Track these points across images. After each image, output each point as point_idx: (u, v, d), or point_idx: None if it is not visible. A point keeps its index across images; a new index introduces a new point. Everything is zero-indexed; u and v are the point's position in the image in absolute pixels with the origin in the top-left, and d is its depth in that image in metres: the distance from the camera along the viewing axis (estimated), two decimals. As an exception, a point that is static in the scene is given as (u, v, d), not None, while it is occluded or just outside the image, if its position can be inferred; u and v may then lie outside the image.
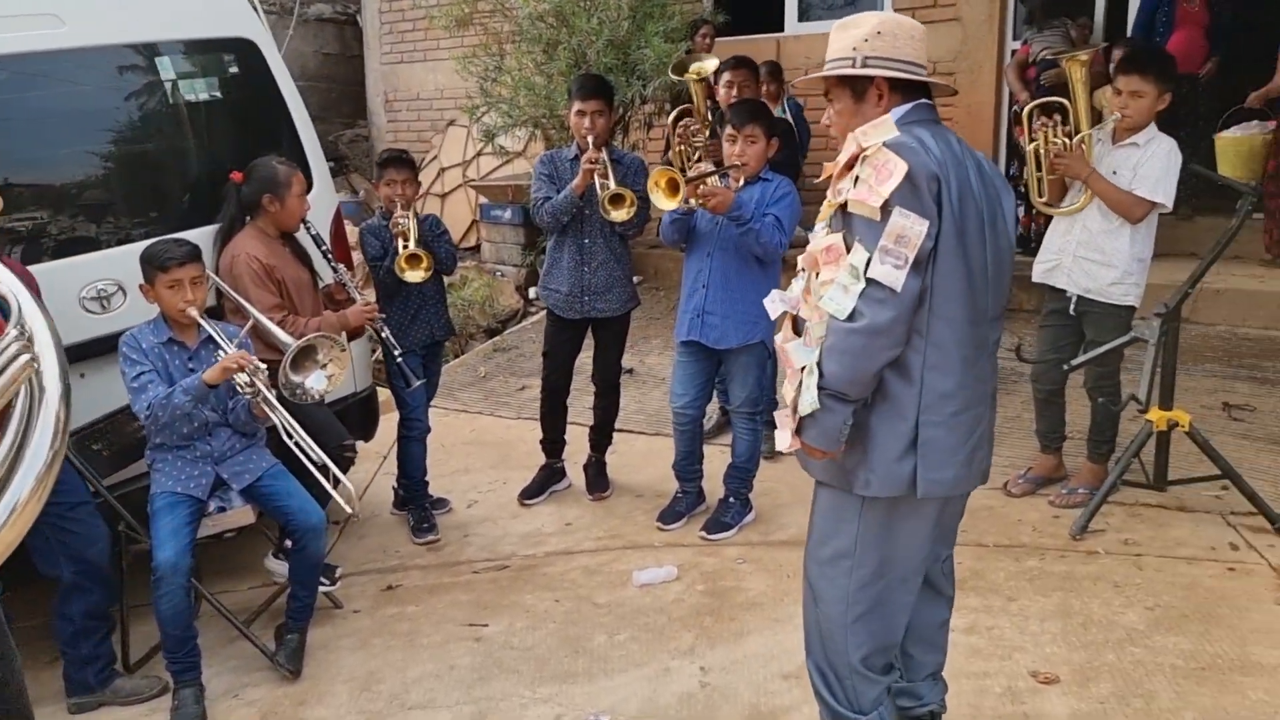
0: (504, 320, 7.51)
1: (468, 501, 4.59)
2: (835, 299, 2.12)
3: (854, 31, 2.24)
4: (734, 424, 4.11)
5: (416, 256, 4.01)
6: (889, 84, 2.23)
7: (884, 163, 2.08)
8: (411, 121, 10.36)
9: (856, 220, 2.13)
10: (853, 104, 2.26)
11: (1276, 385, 5.08)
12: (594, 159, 3.98)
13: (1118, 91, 3.78)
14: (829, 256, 2.17)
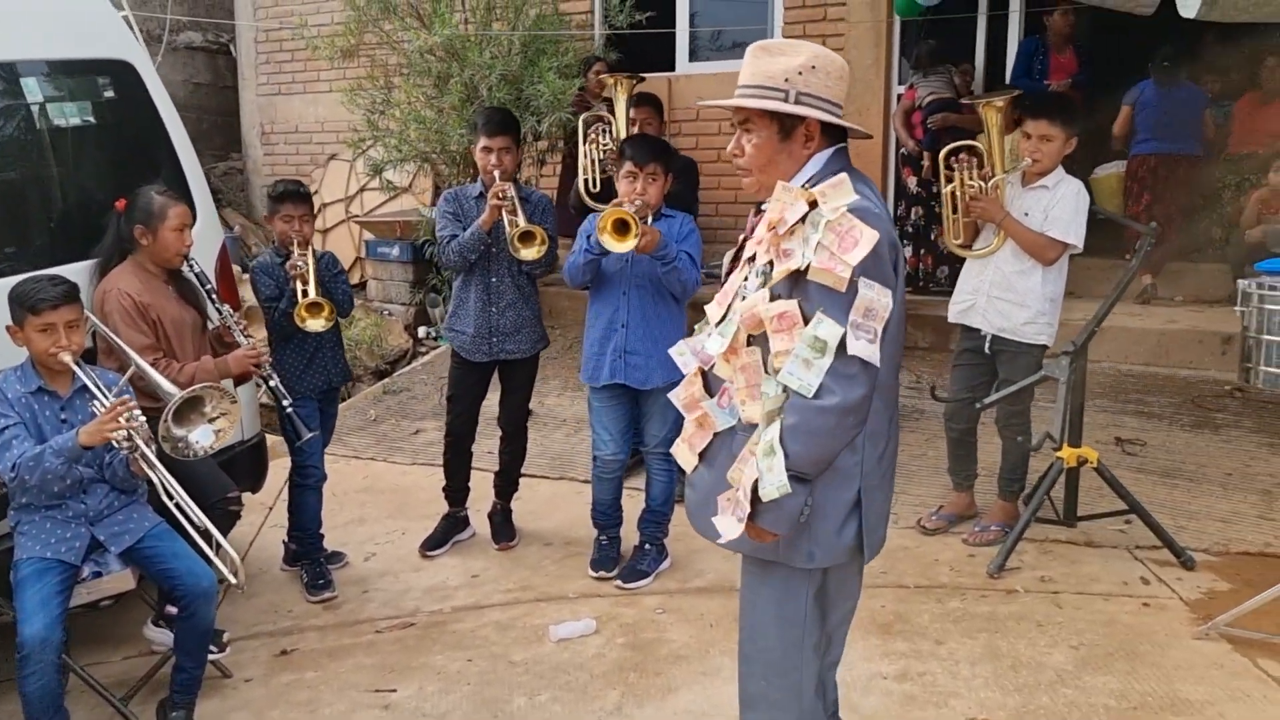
0: (393, 361, 7.23)
1: (365, 554, 4.32)
2: (798, 374, 1.97)
3: (785, 60, 2.06)
4: (649, 465, 3.98)
5: (318, 305, 3.76)
6: (820, 126, 2.10)
7: (849, 229, 1.96)
8: (290, 155, 9.98)
9: (814, 288, 1.98)
10: (777, 140, 2.10)
11: (1162, 419, 5.26)
12: (501, 193, 3.83)
13: (1026, 136, 3.85)
14: (782, 324, 2.00)
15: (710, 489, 2.17)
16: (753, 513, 2.04)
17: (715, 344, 2.14)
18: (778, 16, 7.72)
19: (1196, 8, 3.26)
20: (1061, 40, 7.00)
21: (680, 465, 2.29)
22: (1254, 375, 3.25)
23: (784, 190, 2.06)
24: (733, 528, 2.05)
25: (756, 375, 2.08)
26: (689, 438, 2.23)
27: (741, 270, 2.15)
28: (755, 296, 2.06)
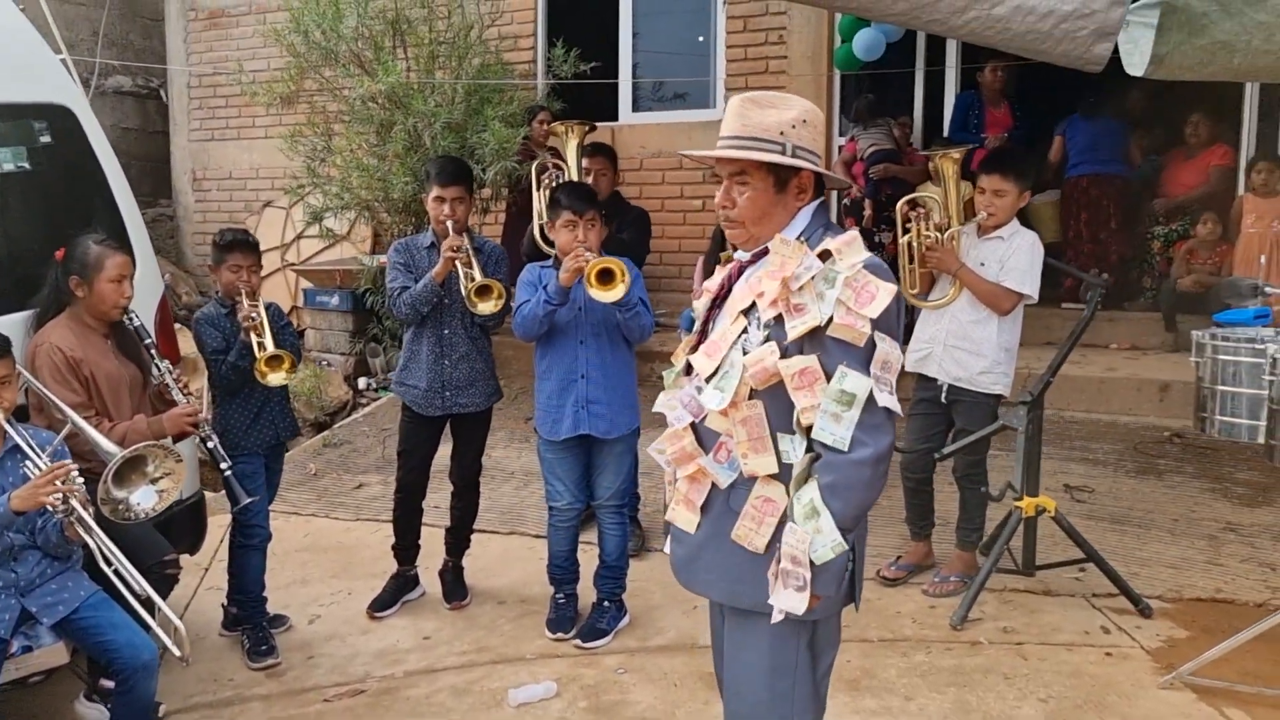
0: (332, 413, 7.05)
1: (309, 617, 4.14)
2: (830, 429, 1.98)
3: (777, 113, 2.07)
4: (602, 520, 3.89)
5: (278, 358, 3.62)
6: (812, 179, 2.12)
7: (865, 285, 1.98)
8: (223, 201, 9.78)
9: (833, 343, 1.99)
10: (773, 193, 2.09)
11: (1108, 466, 5.33)
12: (456, 245, 3.75)
13: (980, 190, 3.91)
14: (803, 380, 2.00)
15: (701, 543, 2.15)
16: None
17: (713, 398, 2.09)
18: (720, 69, 7.81)
19: (1144, 66, 3.33)
20: (995, 95, 7.20)
21: (680, 526, 2.21)
22: (1209, 424, 3.29)
23: (783, 244, 2.06)
24: (797, 601, 2.00)
25: (760, 428, 2.06)
26: (685, 496, 2.18)
27: (735, 322, 2.11)
28: (762, 350, 2.04)
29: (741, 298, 2.12)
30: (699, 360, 2.15)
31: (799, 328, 2.00)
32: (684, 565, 2.22)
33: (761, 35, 7.62)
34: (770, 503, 2.07)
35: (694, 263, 7.09)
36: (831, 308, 1.98)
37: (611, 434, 3.73)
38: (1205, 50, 3.30)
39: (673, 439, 2.19)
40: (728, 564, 2.13)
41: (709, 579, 2.18)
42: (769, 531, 2.07)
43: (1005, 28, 3.42)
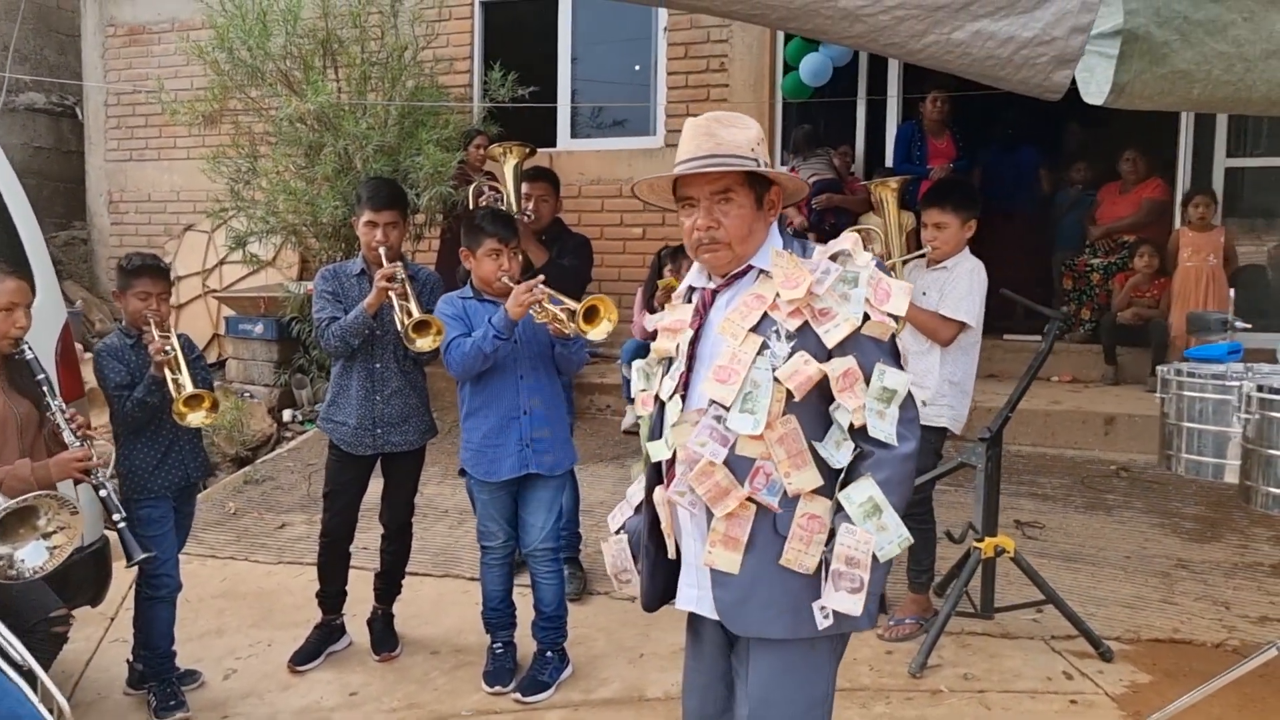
0: (254, 448, 6.69)
1: (224, 671, 3.83)
2: (880, 427, 1.99)
3: (743, 131, 2.08)
4: (535, 568, 3.62)
5: (199, 397, 3.34)
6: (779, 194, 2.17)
7: (878, 282, 2.04)
8: (141, 224, 9.35)
9: (868, 342, 2.02)
10: (754, 209, 2.10)
11: (1057, 501, 5.26)
12: (390, 275, 3.52)
13: (924, 224, 3.84)
14: (846, 381, 1.99)
15: (752, 581, 2.04)
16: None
17: (745, 423, 2.01)
18: (661, 95, 7.70)
19: (1103, 95, 3.25)
20: (936, 125, 7.18)
21: (722, 569, 2.06)
22: (1175, 462, 3.19)
23: (779, 256, 2.08)
24: (852, 602, 1.95)
25: (798, 443, 2.02)
26: (725, 535, 2.04)
27: (745, 341, 2.04)
28: (795, 360, 2.01)
29: (741, 317, 2.06)
30: (713, 389, 2.04)
31: (837, 331, 2.00)
32: (734, 609, 2.08)
33: (703, 62, 7.52)
34: (816, 519, 2.02)
35: (633, 291, 6.94)
36: (862, 306, 2.00)
37: (556, 470, 3.54)
38: (1165, 79, 3.23)
39: (702, 477, 2.04)
40: (785, 595, 2.04)
41: (767, 616, 2.05)
42: (818, 551, 2.01)
43: (965, 53, 3.32)
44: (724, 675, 2.22)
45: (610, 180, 7.73)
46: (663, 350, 2.22)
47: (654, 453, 2.18)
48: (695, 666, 2.29)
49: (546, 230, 4.44)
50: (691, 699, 2.30)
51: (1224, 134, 6.81)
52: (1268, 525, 4.90)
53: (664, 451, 2.15)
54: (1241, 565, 4.51)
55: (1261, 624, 3.96)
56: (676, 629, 4.04)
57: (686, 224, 2.11)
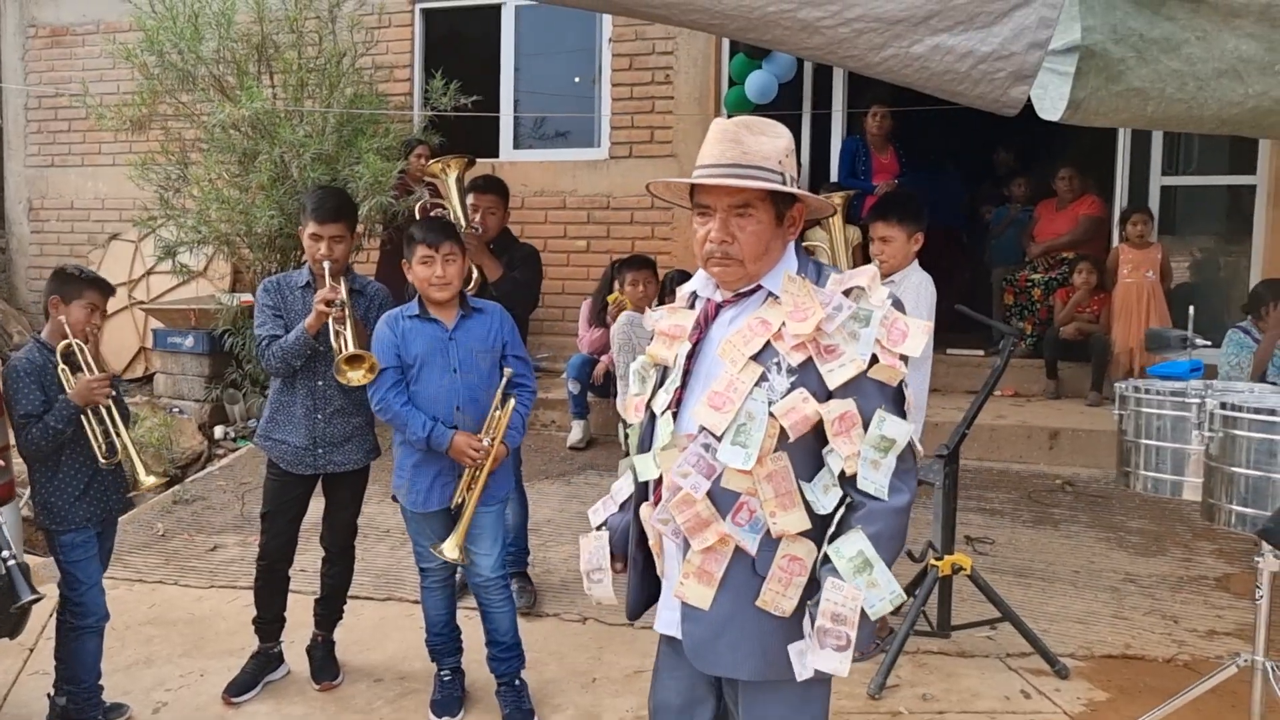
0: (184, 465, 6.43)
1: (153, 704, 3.62)
2: (871, 477, 1.87)
3: (773, 141, 1.95)
4: (485, 600, 3.47)
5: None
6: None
7: (894, 322, 1.93)
8: (63, 233, 9.01)
9: (871, 385, 1.90)
10: (773, 227, 1.96)
11: (1004, 516, 5.27)
12: (329, 300, 3.36)
13: (870, 239, 3.82)
14: (843, 426, 1.87)
15: (725, 619, 1.96)
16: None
17: (735, 455, 1.90)
18: (605, 106, 7.63)
19: (1059, 112, 3.25)
20: (880, 140, 7.21)
21: (693, 604, 1.98)
22: (1134, 479, 3.18)
23: (791, 281, 1.96)
24: (838, 661, 1.85)
25: (787, 483, 1.91)
26: (700, 568, 1.96)
27: (744, 370, 1.93)
28: (793, 398, 1.90)
29: (744, 342, 1.95)
30: (705, 415, 1.94)
31: (841, 372, 1.89)
32: (702, 647, 2.00)
33: (648, 74, 7.47)
34: (797, 561, 1.92)
35: (578, 305, 6.84)
36: (870, 347, 1.89)
37: (490, 502, 3.40)
38: (1120, 97, 3.24)
39: (683, 505, 1.95)
40: (757, 636, 1.95)
41: (736, 657, 1.97)
42: (796, 594, 1.92)
43: (923, 66, 3.30)
44: (703, 700, 2.14)
45: (554, 192, 7.63)
46: (658, 356, 2.12)
47: (641, 470, 2.09)
48: (672, 688, 2.18)
49: (495, 241, 4.32)
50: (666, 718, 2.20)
51: (1159, 152, 6.95)
52: (1210, 539, 4.97)
53: (652, 471, 2.05)
54: (1187, 579, 4.55)
55: (1210, 638, 3.99)
56: (629, 651, 3.96)
57: (700, 232, 1.99)
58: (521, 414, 3.41)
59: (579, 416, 6.52)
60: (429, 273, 3.30)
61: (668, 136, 7.45)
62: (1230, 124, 3.42)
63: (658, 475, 2.04)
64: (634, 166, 7.53)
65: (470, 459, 3.26)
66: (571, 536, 5.08)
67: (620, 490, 2.26)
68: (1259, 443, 2.69)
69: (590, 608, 4.29)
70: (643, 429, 2.13)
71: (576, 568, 4.63)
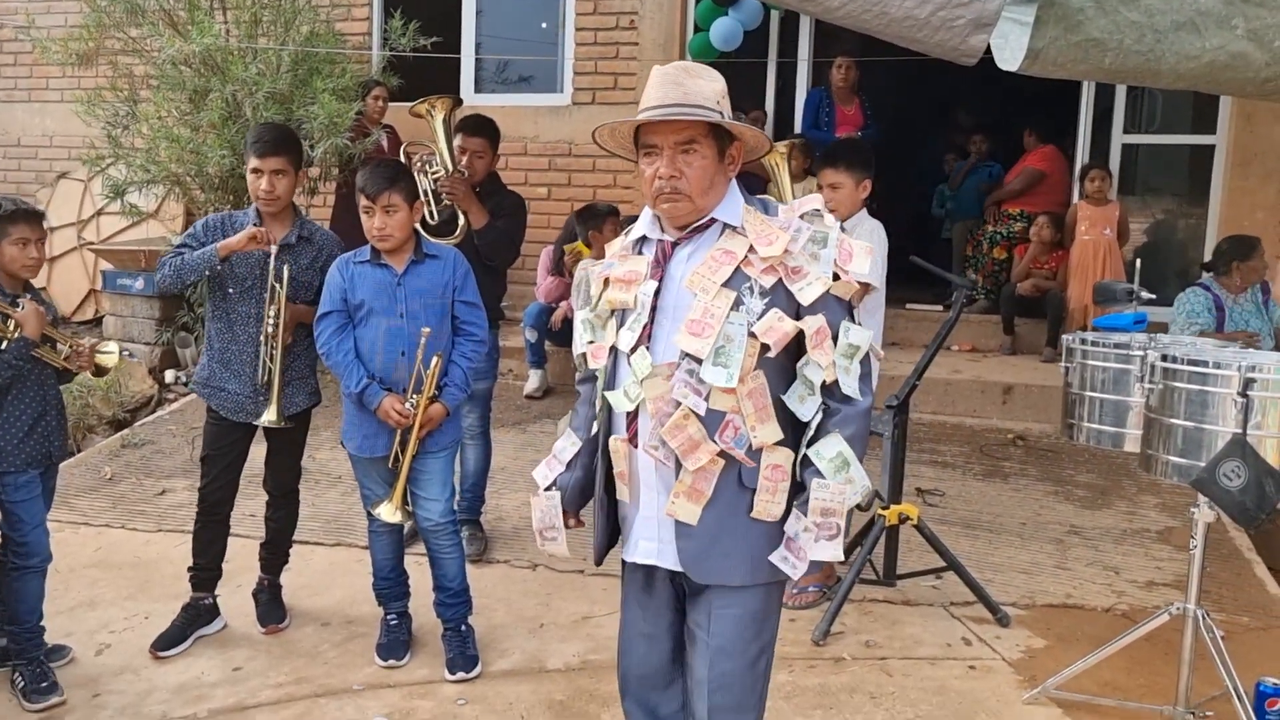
0: (133, 410, 6.34)
1: (97, 646, 3.59)
2: (848, 383, 2.05)
3: (708, 84, 2.07)
4: (434, 544, 3.45)
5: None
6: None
7: (842, 243, 2.09)
8: (9, 171, 8.78)
9: (834, 300, 2.07)
10: (716, 162, 2.08)
11: (956, 469, 5.32)
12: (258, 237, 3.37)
13: (820, 186, 3.79)
14: (819, 338, 2.04)
15: (715, 531, 2.09)
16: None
17: (718, 375, 2.03)
18: (568, 51, 7.50)
19: (1017, 62, 3.22)
20: (845, 92, 7.16)
21: (683, 519, 2.10)
22: (1077, 431, 3.21)
23: (750, 213, 2.09)
24: (834, 549, 2.04)
25: (764, 397, 2.06)
26: (690, 488, 2.07)
27: (717, 296, 2.05)
28: (770, 317, 2.04)
29: (711, 271, 2.06)
30: (686, 342, 2.05)
31: (810, 290, 2.03)
32: (696, 559, 2.12)
33: (612, 19, 7.35)
34: (779, 469, 2.07)
35: (536, 253, 6.77)
36: (830, 266, 2.05)
37: (435, 449, 3.37)
38: (1079, 47, 3.22)
39: (675, 430, 2.05)
40: (746, 545, 2.10)
41: (728, 564, 2.11)
42: (783, 499, 2.08)
43: (883, 12, 3.25)
44: (670, 628, 2.27)
45: (515, 137, 7.51)
46: (616, 301, 2.18)
47: (615, 404, 2.16)
48: (640, 619, 2.30)
49: (482, 186, 4.19)
50: (633, 654, 2.32)
51: (1121, 110, 6.95)
52: (1155, 493, 5.05)
53: (626, 404, 2.14)
54: (1130, 531, 4.63)
55: (1149, 589, 4.07)
56: (578, 598, 3.97)
57: (648, 172, 2.09)
58: (465, 366, 3.36)
59: (536, 365, 6.49)
60: (368, 223, 3.24)
61: (631, 83, 7.34)
62: (1187, 78, 3.41)
63: (633, 408, 2.13)
64: (597, 113, 7.42)
65: (395, 422, 3.24)
66: (526, 484, 5.07)
67: (564, 450, 2.35)
68: (1195, 394, 2.71)
69: (540, 555, 4.29)
70: (607, 371, 2.22)
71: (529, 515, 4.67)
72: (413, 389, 3.26)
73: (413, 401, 3.24)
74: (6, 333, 3.13)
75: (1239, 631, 3.66)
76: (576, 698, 3.24)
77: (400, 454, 3.31)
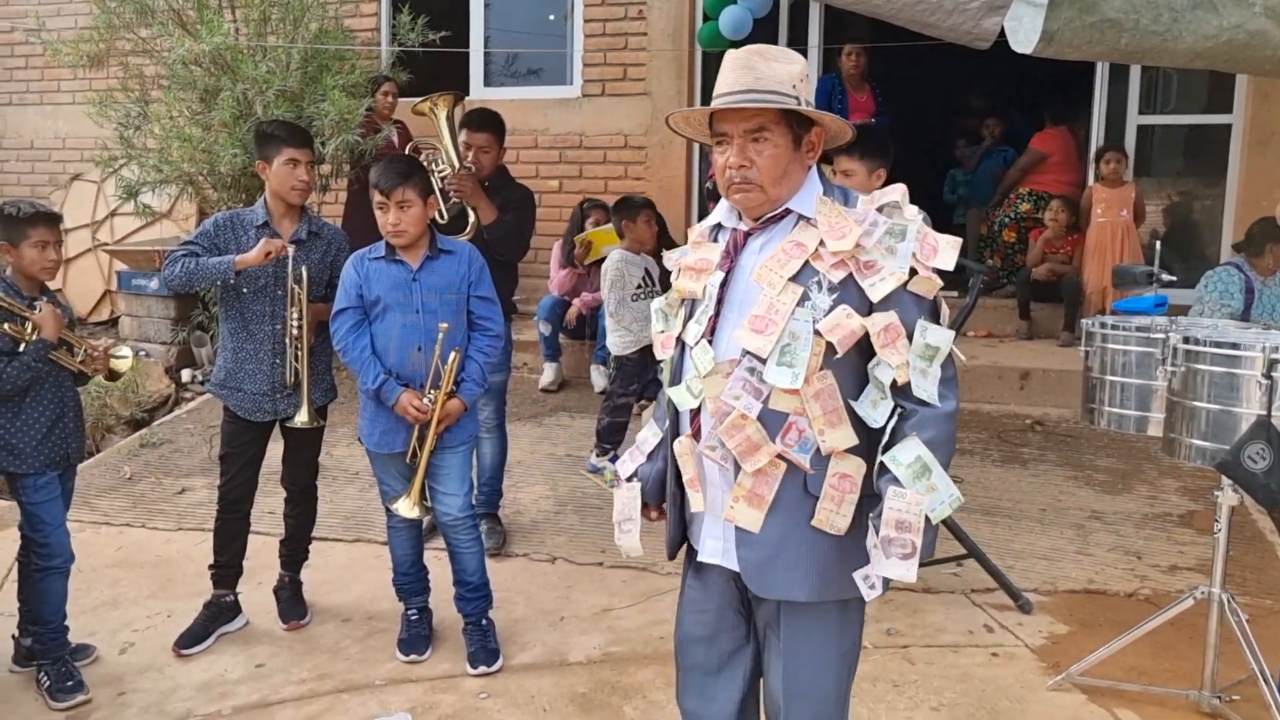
0: (151, 409, 6.36)
1: (120, 645, 3.61)
2: (923, 386, 1.90)
3: (786, 66, 1.95)
4: (454, 540, 3.45)
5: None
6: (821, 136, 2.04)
7: (925, 237, 1.94)
8: (23, 174, 8.81)
9: (909, 298, 1.93)
10: (791, 150, 1.97)
11: (974, 455, 5.30)
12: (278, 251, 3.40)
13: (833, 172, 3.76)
14: (888, 337, 1.90)
15: (780, 540, 1.97)
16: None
17: (782, 376, 1.92)
18: (577, 42, 7.48)
19: (1032, 44, 3.19)
20: (856, 80, 7.11)
21: (744, 526, 1.99)
22: (1098, 416, 3.18)
23: (823, 203, 1.98)
24: (905, 569, 1.84)
25: (834, 399, 1.94)
26: (750, 492, 1.96)
27: (784, 291, 1.95)
28: (837, 314, 1.92)
29: (780, 265, 1.96)
30: (749, 339, 1.95)
31: (883, 285, 1.90)
32: (758, 570, 2.01)
33: (621, 10, 7.33)
34: (847, 478, 1.94)
35: (549, 246, 6.76)
36: (908, 261, 1.91)
37: (453, 444, 3.37)
38: (1095, 28, 3.19)
39: (732, 430, 1.95)
40: (814, 556, 1.97)
41: (793, 577, 1.97)
42: (850, 511, 1.94)
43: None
44: (732, 627, 2.15)
45: (525, 131, 7.51)
46: (686, 290, 2.11)
47: (678, 401, 2.08)
48: (698, 620, 2.18)
49: (491, 180, 4.16)
50: (696, 652, 2.19)
51: (1137, 91, 6.89)
52: (1176, 476, 5.02)
53: (690, 400, 2.05)
54: (1152, 516, 4.60)
55: (1171, 573, 4.04)
56: (598, 590, 3.97)
57: (719, 161, 2.00)
58: (481, 361, 3.36)
59: (551, 359, 6.49)
60: (383, 219, 3.25)
61: (641, 74, 7.32)
62: (1204, 57, 3.37)
63: (696, 405, 2.04)
64: (607, 104, 7.41)
65: (413, 417, 3.24)
66: (542, 478, 5.08)
67: (646, 440, 2.26)
68: (1220, 376, 2.69)
69: (559, 547, 4.30)
70: (674, 363, 2.14)
71: (546, 508, 4.70)
72: (430, 384, 3.26)
73: (430, 397, 3.24)
74: (24, 335, 3.15)
75: (1263, 615, 3.63)
76: (599, 690, 3.24)
77: (418, 449, 3.31)
